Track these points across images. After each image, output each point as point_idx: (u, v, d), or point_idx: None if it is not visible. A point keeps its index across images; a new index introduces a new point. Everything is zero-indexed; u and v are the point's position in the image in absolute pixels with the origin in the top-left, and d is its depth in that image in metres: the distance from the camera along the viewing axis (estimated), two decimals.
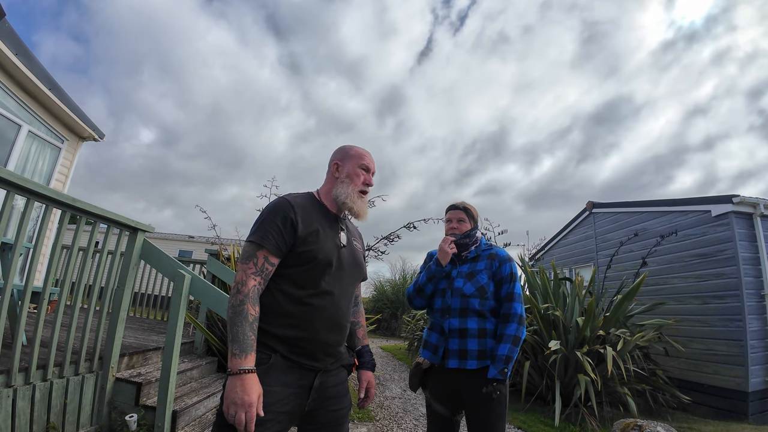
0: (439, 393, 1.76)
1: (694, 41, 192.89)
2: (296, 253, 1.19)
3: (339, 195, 1.31)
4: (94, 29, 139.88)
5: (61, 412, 2.15)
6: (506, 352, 1.61)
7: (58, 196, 2.05)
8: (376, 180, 1.41)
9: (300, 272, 1.19)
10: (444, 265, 1.80)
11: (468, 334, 1.69)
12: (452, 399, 1.73)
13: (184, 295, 2.45)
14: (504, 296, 1.74)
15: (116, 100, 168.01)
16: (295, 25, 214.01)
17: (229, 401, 1.01)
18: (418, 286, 1.88)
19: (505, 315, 1.71)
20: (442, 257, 1.79)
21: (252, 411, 1.00)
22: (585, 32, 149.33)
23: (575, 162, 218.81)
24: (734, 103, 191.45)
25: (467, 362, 1.67)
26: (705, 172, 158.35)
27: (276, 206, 1.22)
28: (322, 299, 1.20)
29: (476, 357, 1.67)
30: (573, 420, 3.96)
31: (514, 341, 1.64)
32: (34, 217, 4.52)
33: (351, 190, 1.31)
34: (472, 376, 1.66)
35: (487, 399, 1.58)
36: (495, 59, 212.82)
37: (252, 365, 1.05)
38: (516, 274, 1.78)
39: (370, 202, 5.53)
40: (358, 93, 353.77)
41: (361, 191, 1.33)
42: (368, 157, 1.38)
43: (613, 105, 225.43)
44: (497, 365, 1.60)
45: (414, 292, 1.90)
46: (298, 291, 1.18)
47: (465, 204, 1.92)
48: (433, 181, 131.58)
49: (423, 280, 1.86)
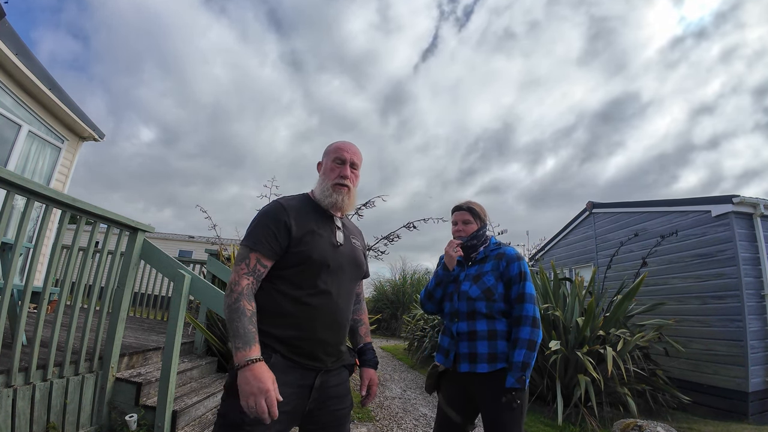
0: (452, 398, 1.73)
1: (702, 38, 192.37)
2: (292, 253, 1.20)
3: (318, 192, 1.33)
4: (94, 26, 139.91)
5: (61, 412, 2.15)
6: (522, 359, 1.53)
7: (58, 196, 2.05)
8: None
9: (297, 272, 1.20)
10: (451, 269, 1.77)
11: (477, 337, 1.64)
12: (465, 404, 1.69)
13: (184, 295, 2.45)
14: (515, 298, 1.65)
15: (116, 99, 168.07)
16: (297, 22, 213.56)
17: (245, 394, 1.01)
18: (428, 291, 1.87)
19: (518, 318, 1.62)
20: (448, 261, 1.77)
21: (271, 395, 1.00)
22: (592, 28, 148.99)
23: (579, 161, 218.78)
24: (740, 101, 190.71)
25: (477, 366, 1.61)
26: (710, 171, 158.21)
27: (269, 210, 1.25)
28: (320, 299, 1.20)
29: (486, 360, 1.60)
30: (573, 420, 3.96)
31: (530, 346, 1.55)
32: (34, 217, 4.52)
33: (326, 185, 1.31)
34: (483, 379, 1.61)
35: (506, 407, 1.51)
36: (500, 56, 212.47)
37: (258, 355, 1.06)
38: (526, 272, 1.69)
39: (370, 202, 5.53)
40: (361, 91, 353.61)
41: (336, 184, 1.30)
42: (345, 150, 1.34)
43: (620, 103, 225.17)
44: (514, 373, 1.52)
45: (425, 298, 1.90)
46: (296, 291, 1.19)
47: (470, 204, 1.85)
48: (435, 181, 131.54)
49: (432, 285, 1.85)
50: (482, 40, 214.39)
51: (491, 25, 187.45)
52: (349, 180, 1.32)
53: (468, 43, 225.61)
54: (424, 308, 1.93)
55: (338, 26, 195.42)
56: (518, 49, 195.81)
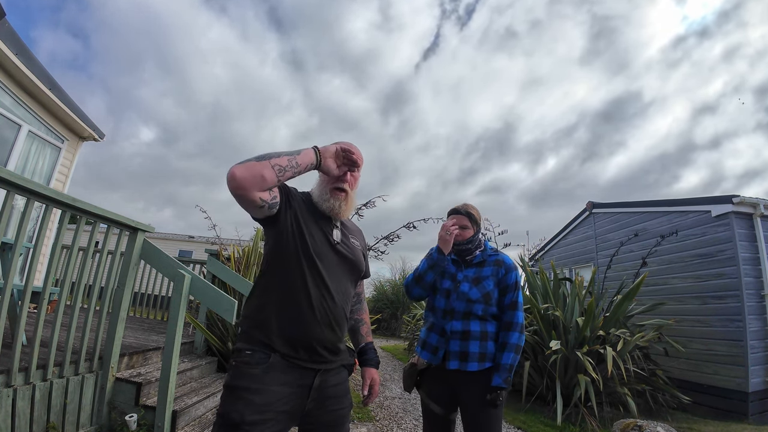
0: (435, 393, 1.77)
1: (705, 37, 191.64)
2: (285, 246, 1.20)
3: (316, 195, 1.33)
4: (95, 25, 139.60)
5: (61, 412, 2.15)
6: (510, 361, 1.64)
7: (58, 196, 2.05)
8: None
9: (291, 268, 1.20)
10: (446, 253, 1.75)
11: (470, 337, 1.70)
12: (448, 399, 1.74)
13: (184, 295, 2.45)
14: (508, 305, 1.74)
15: (116, 98, 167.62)
16: (297, 20, 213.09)
17: (330, 154, 1.22)
18: (418, 273, 1.83)
19: (508, 323, 1.71)
20: (443, 245, 1.75)
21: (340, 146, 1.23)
22: (594, 27, 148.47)
23: (580, 161, 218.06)
24: (742, 101, 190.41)
25: (468, 364, 1.67)
26: (711, 170, 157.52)
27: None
28: (315, 296, 1.19)
29: (477, 359, 1.67)
30: (573, 420, 3.96)
31: (517, 350, 1.67)
32: (34, 217, 4.52)
33: (324, 189, 1.31)
34: (471, 377, 1.67)
35: (489, 405, 1.60)
36: (502, 55, 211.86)
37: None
38: (520, 283, 1.81)
39: (370, 202, 5.53)
40: (362, 90, 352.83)
41: (334, 188, 1.30)
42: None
43: (621, 102, 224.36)
44: (502, 374, 1.62)
45: (413, 281, 1.85)
46: (291, 289, 1.19)
47: (468, 208, 1.85)
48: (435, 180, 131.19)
49: (423, 267, 1.81)
50: (484, 39, 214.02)
51: (493, 23, 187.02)
52: (348, 184, 1.32)
53: (469, 42, 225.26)
54: (411, 293, 1.88)
55: (339, 25, 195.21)
56: (520, 48, 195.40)
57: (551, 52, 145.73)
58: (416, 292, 1.87)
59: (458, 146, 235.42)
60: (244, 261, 4.70)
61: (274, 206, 1.17)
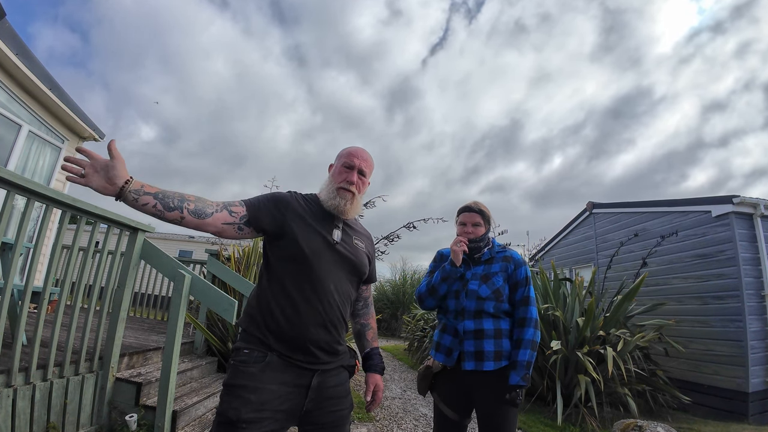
0: (449, 395, 1.73)
1: (718, 32, 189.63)
2: (281, 247, 1.22)
3: (323, 194, 1.35)
4: (95, 20, 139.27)
5: (61, 412, 2.15)
6: (527, 358, 1.60)
7: (58, 196, 2.05)
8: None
9: (288, 269, 1.21)
10: (458, 265, 1.76)
11: (484, 335, 1.67)
12: (463, 401, 1.70)
13: (184, 295, 2.45)
14: (520, 300, 1.72)
15: (116, 95, 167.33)
16: (301, 14, 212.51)
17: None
18: (431, 286, 1.83)
19: (522, 319, 1.68)
20: (455, 258, 1.75)
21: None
22: (606, 21, 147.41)
23: (587, 159, 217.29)
24: (752, 98, 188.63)
25: (484, 363, 1.64)
26: (719, 169, 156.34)
27: (275, 193, 1.32)
28: (311, 297, 1.19)
29: (492, 358, 1.64)
30: (573, 420, 3.96)
31: (533, 346, 1.63)
32: (35, 217, 4.52)
33: (332, 188, 1.33)
34: (487, 377, 1.64)
35: (508, 403, 1.57)
36: (511, 50, 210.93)
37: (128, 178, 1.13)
38: (530, 277, 1.77)
39: (370, 202, 5.53)
40: (367, 87, 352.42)
41: (340, 188, 1.31)
42: (356, 156, 1.35)
43: (631, 99, 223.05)
44: (519, 371, 1.59)
45: (426, 292, 1.85)
46: (287, 288, 1.19)
47: (480, 206, 1.84)
48: (439, 179, 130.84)
49: (437, 280, 1.81)
50: (492, 33, 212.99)
51: (502, 15, 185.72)
52: (355, 186, 1.32)
53: (478, 36, 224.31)
54: (424, 303, 1.88)
55: (344, 19, 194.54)
56: (529, 42, 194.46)
57: (561, 47, 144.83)
58: (429, 303, 1.87)
59: (463, 144, 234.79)
60: (244, 261, 4.71)
61: (246, 222, 1.22)
